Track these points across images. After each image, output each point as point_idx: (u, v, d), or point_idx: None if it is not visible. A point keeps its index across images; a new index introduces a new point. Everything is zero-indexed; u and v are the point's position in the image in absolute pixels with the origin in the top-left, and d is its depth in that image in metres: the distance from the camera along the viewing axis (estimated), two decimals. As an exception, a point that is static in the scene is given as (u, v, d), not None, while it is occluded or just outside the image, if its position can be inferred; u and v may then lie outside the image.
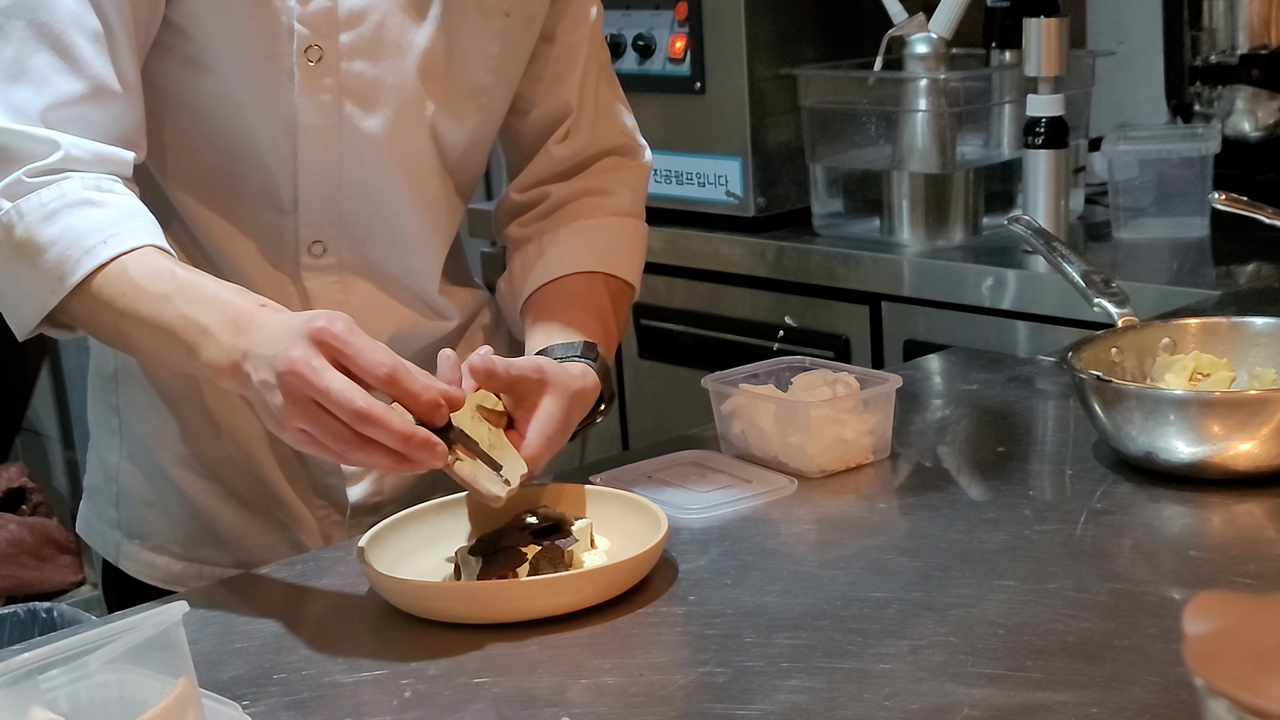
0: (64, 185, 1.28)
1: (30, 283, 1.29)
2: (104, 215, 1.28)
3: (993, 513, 1.35)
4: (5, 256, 1.29)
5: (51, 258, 1.27)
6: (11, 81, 1.29)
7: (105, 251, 1.26)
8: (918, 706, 1.02)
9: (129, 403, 1.52)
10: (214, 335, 1.22)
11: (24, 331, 1.34)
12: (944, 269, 2.35)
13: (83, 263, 1.26)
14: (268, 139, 1.41)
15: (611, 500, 1.34)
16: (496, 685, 1.10)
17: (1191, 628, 0.72)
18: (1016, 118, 2.47)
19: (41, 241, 1.27)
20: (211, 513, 1.51)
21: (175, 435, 1.50)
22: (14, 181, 1.28)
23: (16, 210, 1.27)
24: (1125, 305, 1.56)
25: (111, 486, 1.56)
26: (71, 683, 0.96)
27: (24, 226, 1.27)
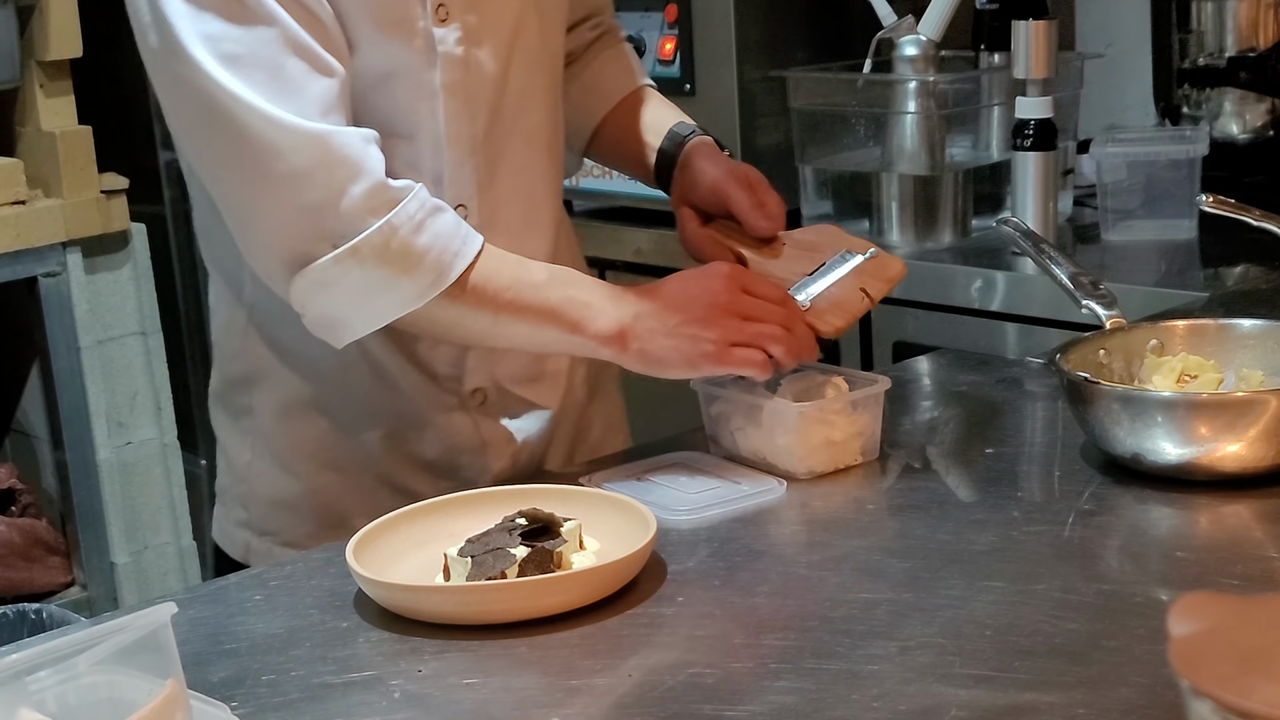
0: (419, 196, 1.38)
1: (401, 289, 1.37)
2: (451, 219, 1.40)
3: (981, 514, 1.35)
4: (371, 269, 1.36)
5: (428, 263, 1.37)
6: (281, 92, 1.33)
7: (469, 250, 1.39)
8: (906, 707, 1.02)
9: (260, 404, 1.57)
10: (598, 308, 1.41)
11: (348, 339, 1.42)
12: (933, 270, 2.35)
13: (456, 264, 1.38)
14: (410, 107, 1.44)
15: (600, 501, 1.34)
16: (486, 686, 1.10)
17: (1176, 629, 0.72)
18: (1005, 120, 2.47)
19: (418, 249, 1.36)
20: (340, 506, 1.55)
21: (304, 435, 1.55)
22: (378, 188, 1.35)
23: (390, 225, 1.35)
24: (1113, 307, 1.57)
25: (240, 487, 1.60)
26: (60, 684, 0.96)
27: (399, 239, 1.36)
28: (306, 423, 1.54)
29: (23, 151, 2.99)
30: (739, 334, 1.40)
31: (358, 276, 1.36)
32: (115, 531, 3.11)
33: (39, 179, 2.94)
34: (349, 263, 1.35)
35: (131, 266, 3.05)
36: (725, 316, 1.40)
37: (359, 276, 1.36)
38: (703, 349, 1.39)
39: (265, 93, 1.32)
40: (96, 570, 3.11)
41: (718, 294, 1.41)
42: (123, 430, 3.10)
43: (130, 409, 3.10)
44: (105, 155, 2.97)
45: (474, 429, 1.54)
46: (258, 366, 1.56)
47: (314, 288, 1.37)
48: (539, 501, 1.31)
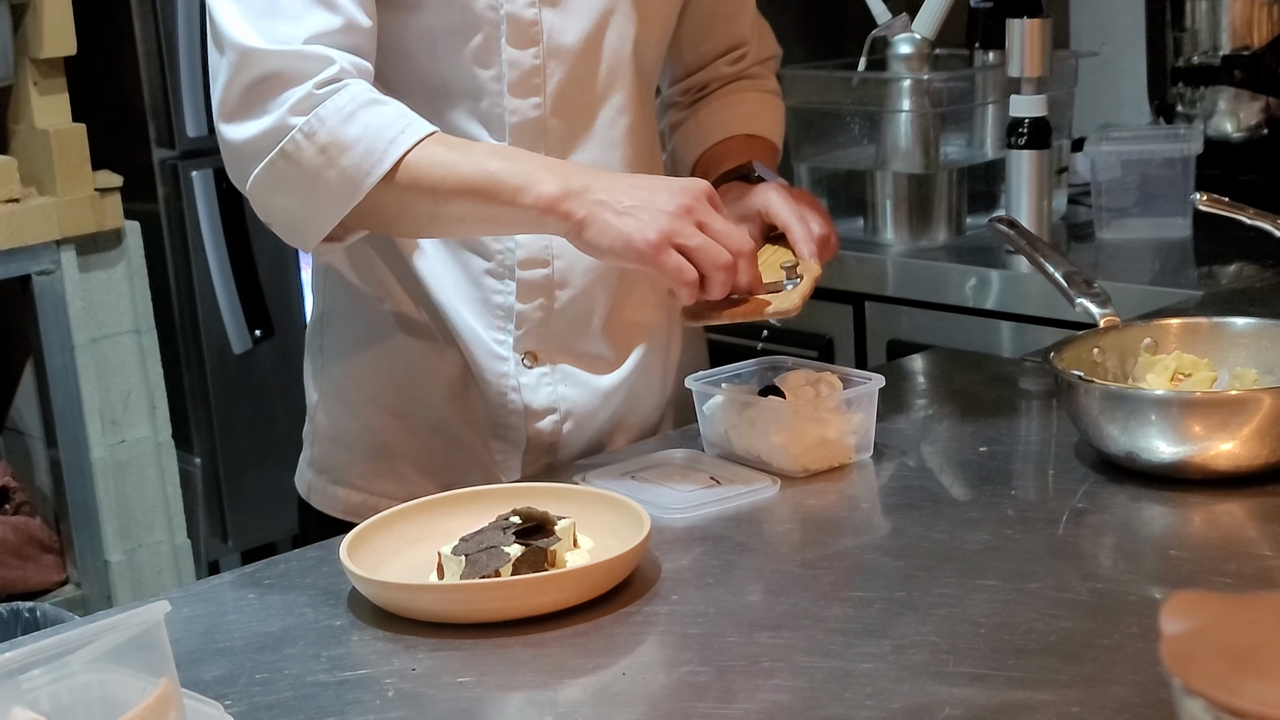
0: (353, 88, 1.38)
1: (334, 185, 1.38)
2: (394, 110, 1.39)
3: (975, 512, 1.35)
4: (306, 166, 1.38)
5: (359, 152, 1.37)
6: (269, 17, 1.38)
7: (407, 138, 1.37)
8: (899, 706, 1.02)
9: (331, 344, 1.61)
10: (541, 175, 1.36)
11: (313, 240, 1.43)
12: (927, 269, 2.35)
13: (389, 151, 1.37)
14: (473, 68, 1.46)
15: (594, 499, 1.34)
16: (479, 685, 1.10)
17: (1169, 627, 0.72)
18: (1000, 118, 2.47)
19: (347, 139, 1.37)
20: (392, 449, 1.59)
21: (367, 376, 1.59)
22: (305, 96, 1.37)
23: (317, 118, 1.37)
24: (1107, 305, 1.57)
25: (310, 426, 1.66)
26: (53, 682, 0.96)
27: (326, 130, 1.37)
28: (369, 365, 1.58)
29: (16, 149, 2.98)
30: (687, 239, 1.34)
31: (297, 175, 1.38)
32: (109, 530, 3.10)
33: (33, 177, 2.94)
34: (284, 164, 1.38)
35: (125, 265, 3.05)
36: (682, 219, 1.34)
37: (298, 175, 1.38)
38: (645, 235, 1.33)
39: (253, 12, 1.38)
40: (90, 569, 3.10)
41: (686, 199, 1.35)
42: (117, 428, 3.09)
43: (124, 407, 3.10)
44: (99, 153, 2.96)
45: (519, 390, 1.55)
46: (331, 306, 1.61)
47: (263, 191, 1.41)
48: (533, 500, 1.31)
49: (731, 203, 1.56)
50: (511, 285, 1.53)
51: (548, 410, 1.57)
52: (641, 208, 1.34)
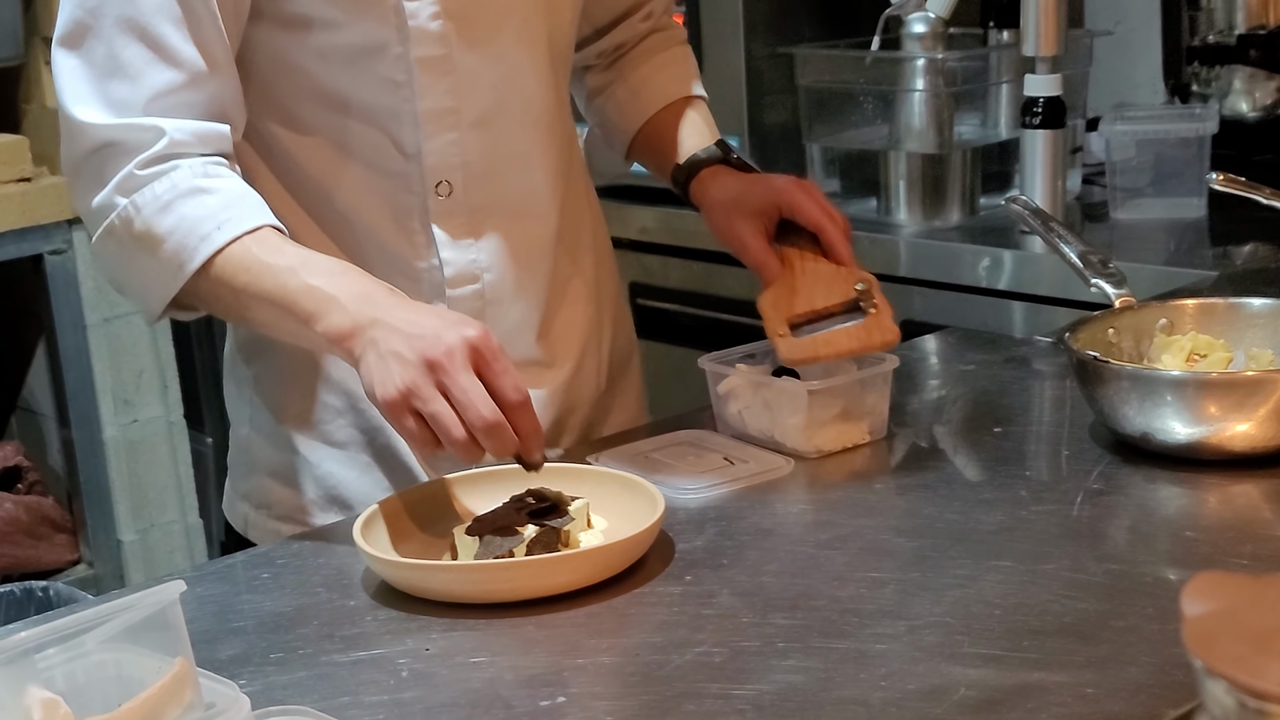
0: (174, 176, 1.34)
1: (153, 272, 1.36)
2: (215, 201, 1.34)
3: (989, 493, 1.35)
4: (128, 249, 1.36)
5: (170, 247, 1.34)
6: (108, 78, 1.34)
7: (220, 237, 1.33)
8: (914, 686, 1.02)
9: (260, 374, 1.56)
10: (339, 303, 1.30)
11: (152, 317, 1.42)
12: (941, 249, 2.35)
13: (200, 249, 1.33)
14: (383, 82, 1.43)
15: (608, 480, 1.33)
16: (493, 665, 1.10)
17: (1190, 609, 0.72)
18: (1014, 98, 2.46)
19: (160, 233, 1.34)
20: (335, 479, 1.53)
21: (301, 404, 1.53)
22: (126, 176, 1.34)
23: (133, 205, 1.34)
24: (1122, 286, 1.56)
25: (243, 458, 1.60)
26: (68, 661, 0.96)
27: (141, 220, 1.34)
28: (302, 395, 1.53)
29: (28, 128, 2.98)
30: (423, 404, 1.23)
31: (119, 255, 1.38)
32: (122, 509, 3.11)
33: (44, 156, 2.94)
34: (109, 240, 1.37)
35: (137, 244, 3.05)
36: (429, 368, 1.24)
37: (120, 255, 1.38)
38: (386, 392, 1.24)
39: (91, 75, 1.35)
40: (103, 548, 3.11)
41: (442, 343, 1.24)
42: (129, 408, 3.10)
43: (136, 387, 3.10)
44: (111, 132, 2.96)
45: None
46: (257, 335, 1.54)
47: (100, 264, 1.43)
48: (547, 480, 1.31)
49: (739, 197, 1.55)
50: (441, 307, 1.46)
51: None
52: (396, 358, 1.25)
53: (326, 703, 1.04)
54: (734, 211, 1.55)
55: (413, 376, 1.24)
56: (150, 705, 0.92)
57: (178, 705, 0.93)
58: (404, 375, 1.24)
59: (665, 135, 1.66)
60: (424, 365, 1.24)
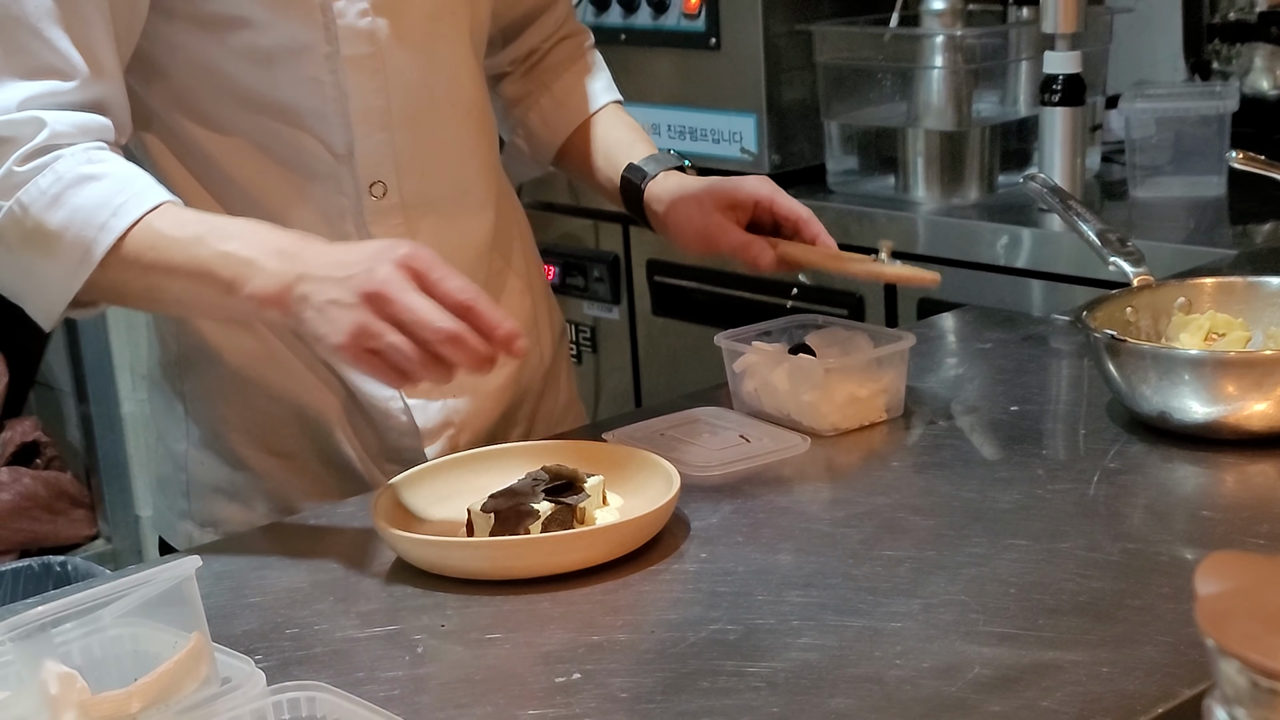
0: (57, 167, 1.27)
1: (49, 271, 1.29)
2: (107, 187, 1.28)
3: (1005, 472, 1.35)
4: (17, 252, 1.29)
5: (68, 241, 1.27)
6: None
7: (119, 223, 1.27)
8: (929, 664, 1.02)
9: (195, 389, 1.51)
10: (259, 265, 1.24)
11: (50, 321, 1.33)
12: (959, 227, 2.34)
13: (100, 240, 1.27)
14: (311, 83, 1.40)
15: (624, 457, 1.34)
16: (508, 641, 1.10)
17: (1203, 588, 0.72)
18: (1033, 75, 2.45)
19: (53, 229, 1.27)
20: (285, 491, 1.50)
21: (244, 417, 1.49)
22: (4, 175, 1.27)
23: (18, 204, 1.27)
24: (1141, 264, 1.56)
25: (180, 476, 1.54)
26: (85, 636, 0.97)
27: (31, 219, 1.27)
28: (243, 407, 1.49)
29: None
30: (375, 339, 1.19)
31: (11, 261, 1.30)
32: (139, 484, 3.12)
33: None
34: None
35: (155, 220, 3.06)
36: (370, 303, 1.19)
37: (9, 260, 1.30)
38: (336, 339, 1.20)
39: None
40: (121, 523, 3.13)
41: (375, 274, 1.20)
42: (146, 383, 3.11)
43: (155, 362, 3.11)
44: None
45: (408, 411, 1.49)
46: (189, 349, 1.50)
47: None
48: (563, 457, 1.31)
49: (713, 189, 1.54)
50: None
51: (443, 427, 1.50)
52: (333, 304, 1.21)
53: (342, 678, 1.04)
54: (708, 202, 1.53)
55: (355, 317, 1.19)
56: (166, 680, 0.92)
57: (193, 680, 0.94)
58: (348, 318, 1.19)
59: (597, 143, 1.66)
60: (364, 302, 1.19)
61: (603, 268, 2.80)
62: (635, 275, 2.79)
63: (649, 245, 2.72)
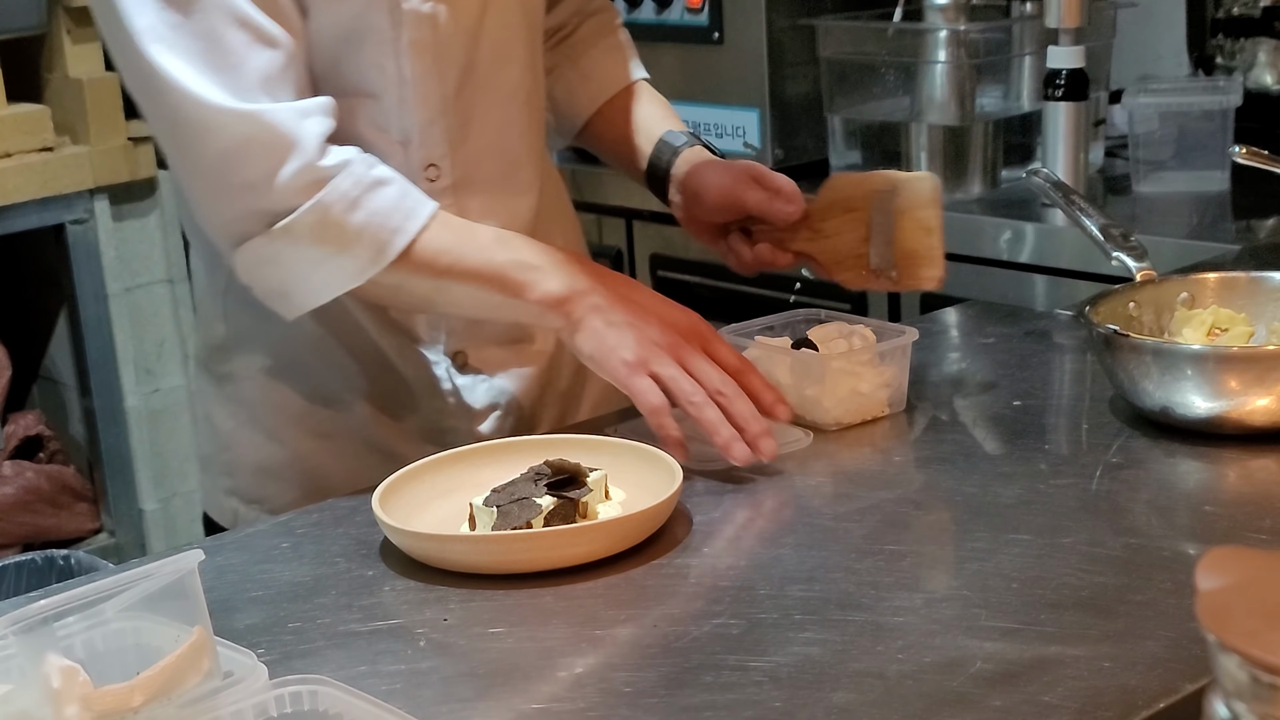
0: (354, 170, 1.34)
1: (337, 267, 1.36)
2: (395, 192, 1.36)
3: (1008, 467, 1.35)
4: (304, 247, 1.34)
5: (365, 241, 1.34)
6: (213, 67, 1.31)
7: (412, 225, 1.35)
8: (931, 659, 1.02)
9: (240, 370, 1.54)
10: (547, 271, 1.36)
11: (298, 311, 1.40)
12: (961, 222, 2.34)
13: (394, 241, 1.35)
14: (375, 68, 1.42)
15: (626, 451, 1.34)
16: (511, 636, 1.10)
17: (1204, 583, 0.72)
18: (1036, 70, 2.45)
19: (352, 229, 1.34)
20: (324, 472, 1.52)
21: (287, 398, 1.52)
22: (304, 169, 1.32)
23: (320, 204, 1.33)
24: (1144, 259, 1.56)
25: (224, 455, 1.58)
26: (87, 629, 0.97)
27: (332, 219, 1.33)
28: (289, 387, 1.52)
29: (50, 98, 2.99)
30: (661, 369, 1.33)
31: (294, 254, 1.35)
32: (143, 478, 3.12)
33: (66, 126, 2.95)
34: (283, 241, 1.34)
35: (159, 214, 3.06)
36: (664, 350, 1.34)
37: (295, 254, 1.35)
38: (624, 355, 1.33)
39: (200, 66, 1.31)
40: (124, 517, 3.13)
41: (676, 328, 1.36)
42: (150, 377, 3.11)
43: (157, 356, 3.12)
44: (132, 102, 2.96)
45: (456, 393, 1.52)
46: (238, 330, 1.53)
47: (255, 263, 1.37)
48: (565, 451, 1.31)
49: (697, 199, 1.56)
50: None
51: (490, 409, 1.53)
52: (630, 326, 1.34)
53: (344, 672, 1.04)
54: (738, 169, 1.56)
55: (649, 348, 1.33)
56: (168, 673, 0.92)
57: (196, 674, 0.94)
58: (642, 343, 1.33)
59: (622, 126, 1.66)
60: (660, 337, 1.34)
61: (606, 262, 2.80)
62: (639, 270, 2.79)
63: (652, 240, 2.72)
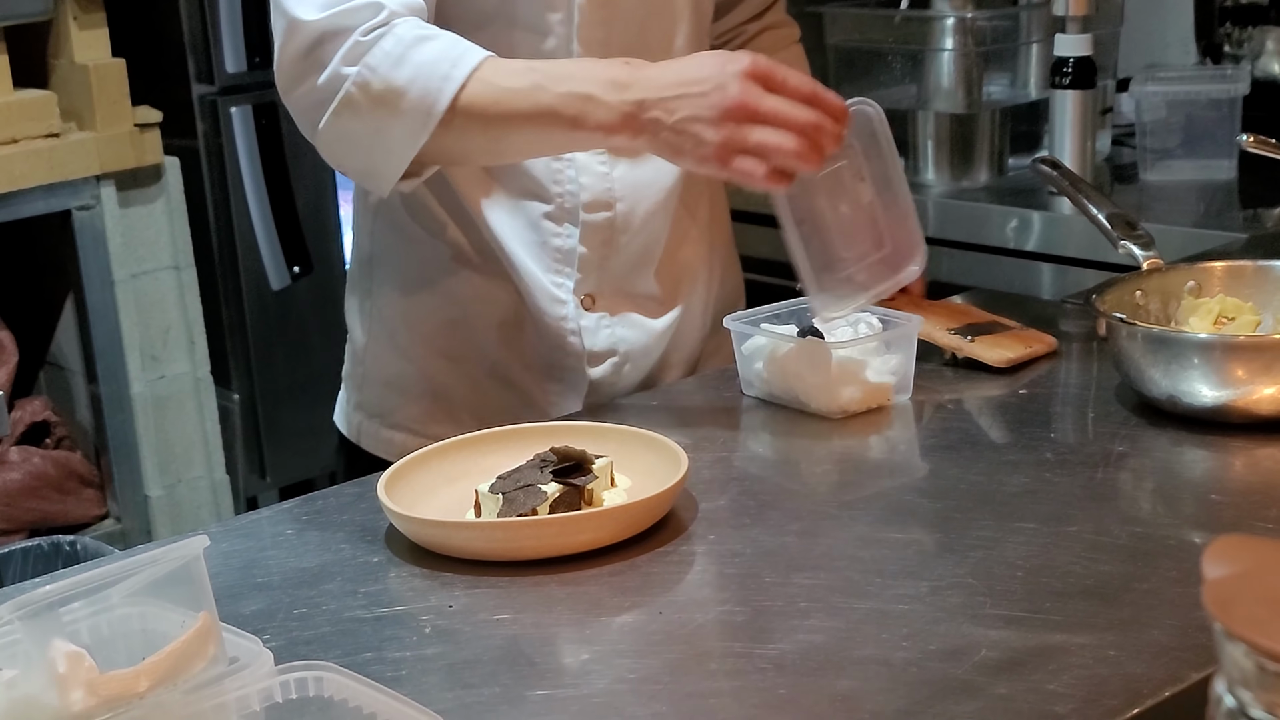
0: (397, 30, 1.37)
1: (398, 129, 1.38)
2: (442, 44, 1.38)
3: (1013, 455, 1.35)
4: (365, 115, 1.38)
5: (414, 96, 1.37)
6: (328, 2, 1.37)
7: (459, 73, 1.37)
8: (935, 647, 1.02)
9: (380, 286, 1.61)
10: (599, 99, 1.35)
11: (388, 185, 1.43)
12: (968, 210, 2.34)
13: (445, 89, 1.36)
14: (547, 5, 1.46)
15: (632, 438, 1.34)
16: (516, 623, 1.10)
17: (1210, 571, 0.72)
18: (1044, 57, 2.45)
19: (400, 85, 1.36)
20: (446, 393, 1.59)
21: (420, 318, 1.58)
22: (352, 45, 1.36)
23: (366, 67, 1.37)
24: (1151, 248, 1.55)
25: (358, 369, 1.65)
26: (93, 615, 0.97)
27: (379, 78, 1.36)
28: (422, 307, 1.58)
29: (56, 84, 2.99)
30: (743, 141, 1.32)
31: (359, 125, 1.39)
32: (149, 465, 3.13)
33: (72, 112, 2.94)
34: (347, 115, 1.38)
35: (165, 200, 3.06)
36: (732, 117, 1.31)
37: (359, 125, 1.39)
38: (704, 152, 1.32)
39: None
40: (130, 503, 3.13)
41: (729, 90, 1.32)
42: (156, 364, 3.11)
43: (164, 343, 3.12)
44: (139, 88, 2.96)
45: (579, 333, 1.56)
46: (380, 248, 1.60)
47: (331, 143, 1.42)
48: (570, 439, 1.31)
49: None
50: (572, 229, 1.52)
51: (608, 353, 1.57)
52: (694, 118, 1.32)
53: (349, 658, 1.04)
54: None
55: (721, 129, 1.31)
56: (174, 659, 0.93)
57: (201, 659, 0.94)
58: (713, 132, 1.31)
59: None
60: (726, 117, 1.31)
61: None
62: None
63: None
